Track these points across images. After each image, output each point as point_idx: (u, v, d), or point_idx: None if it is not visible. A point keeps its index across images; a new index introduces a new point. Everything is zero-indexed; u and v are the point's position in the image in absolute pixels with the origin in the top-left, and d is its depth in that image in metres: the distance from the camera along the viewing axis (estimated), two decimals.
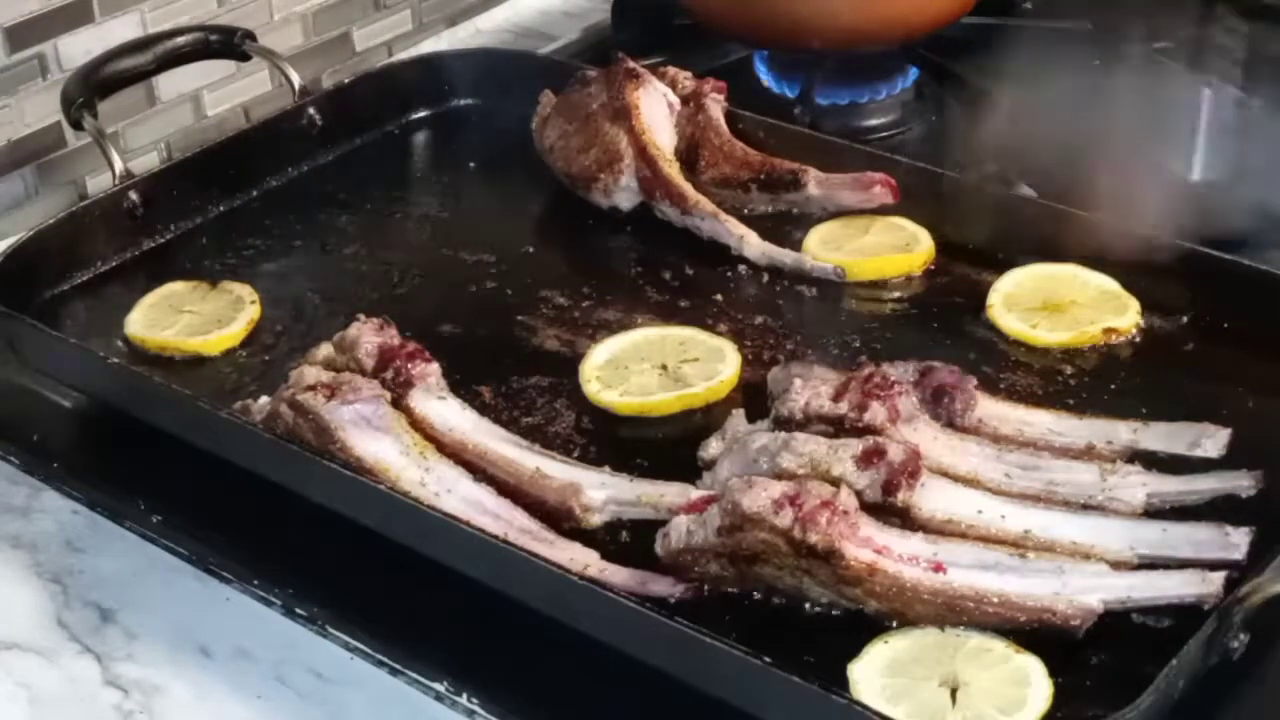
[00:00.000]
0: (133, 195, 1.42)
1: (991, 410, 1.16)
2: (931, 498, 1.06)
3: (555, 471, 1.13)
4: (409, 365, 1.19)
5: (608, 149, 1.46)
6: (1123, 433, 1.14)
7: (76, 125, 1.47)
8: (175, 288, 1.37)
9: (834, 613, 1.03)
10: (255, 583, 1.11)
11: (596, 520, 1.11)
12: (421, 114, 1.63)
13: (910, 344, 1.27)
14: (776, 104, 1.62)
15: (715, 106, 1.49)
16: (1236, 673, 0.97)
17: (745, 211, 1.43)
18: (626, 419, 1.22)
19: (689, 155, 1.47)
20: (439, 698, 1.03)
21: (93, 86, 1.47)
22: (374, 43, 1.87)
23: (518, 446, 1.16)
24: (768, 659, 0.93)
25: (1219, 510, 1.08)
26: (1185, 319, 1.29)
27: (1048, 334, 1.28)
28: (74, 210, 1.43)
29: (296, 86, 1.56)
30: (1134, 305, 1.29)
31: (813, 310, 1.34)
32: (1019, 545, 1.04)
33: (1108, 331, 1.27)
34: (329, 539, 1.12)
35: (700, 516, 1.04)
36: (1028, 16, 1.78)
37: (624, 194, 1.45)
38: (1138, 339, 1.28)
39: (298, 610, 1.09)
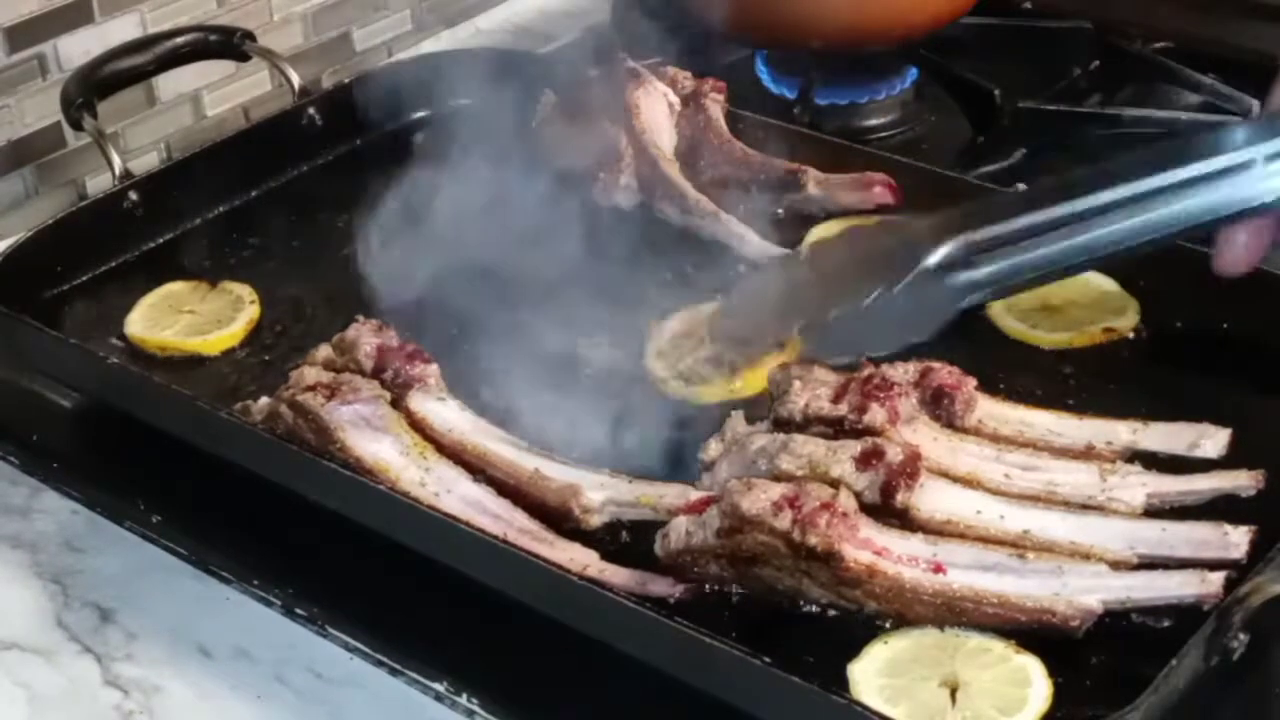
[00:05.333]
0: (132, 195, 1.42)
1: (991, 411, 1.16)
2: (931, 499, 1.06)
3: (554, 472, 1.13)
4: (408, 366, 1.19)
5: (608, 149, 1.46)
6: (1122, 433, 1.14)
7: (76, 125, 1.47)
8: (175, 287, 1.37)
9: (833, 613, 1.04)
10: (255, 583, 1.11)
11: (596, 521, 1.11)
12: (421, 114, 1.63)
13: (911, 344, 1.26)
14: (776, 104, 1.62)
15: (715, 106, 1.49)
16: (1236, 673, 0.97)
17: (743, 211, 1.43)
18: (626, 420, 1.22)
19: (689, 155, 1.47)
20: (439, 698, 1.03)
21: (92, 87, 1.47)
22: (374, 43, 1.87)
23: (517, 447, 1.16)
24: (767, 659, 0.93)
25: (1219, 510, 1.08)
26: (1185, 319, 1.29)
27: (1047, 334, 1.28)
28: (74, 210, 1.43)
29: (296, 87, 1.56)
30: (1133, 305, 1.29)
31: None
32: (1018, 546, 1.04)
33: (1107, 331, 1.27)
34: (329, 539, 1.12)
35: (700, 518, 1.04)
36: (1026, 16, 1.78)
37: (624, 194, 1.45)
38: (1137, 339, 1.28)
39: (297, 610, 1.09)
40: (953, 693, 0.97)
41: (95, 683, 1.07)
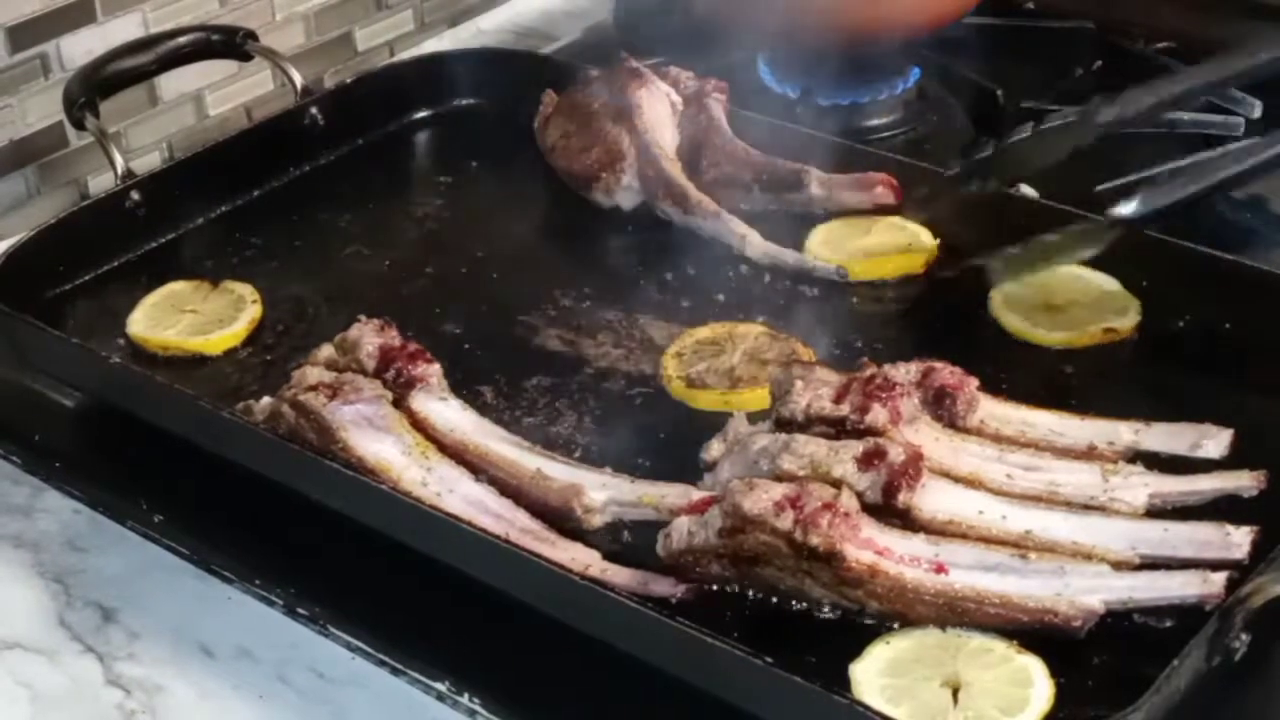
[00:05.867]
0: (134, 195, 1.42)
1: (993, 411, 1.16)
2: (932, 499, 1.06)
3: (557, 472, 1.13)
4: (410, 366, 1.19)
5: (610, 148, 1.46)
6: (1124, 433, 1.14)
7: (78, 125, 1.47)
8: (177, 287, 1.37)
9: (835, 613, 1.04)
10: (257, 582, 1.12)
11: (598, 521, 1.11)
12: (423, 114, 1.63)
13: (912, 343, 1.26)
14: (778, 104, 1.62)
15: (717, 106, 1.49)
16: (1238, 673, 0.97)
17: (745, 211, 1.43)
18: (628, 420, 1.22)
19: (691, 155, 1.47)
20: (440, 697, 1.03)
21: (95, 86, 1.47)
22: (376, 42, 1.87)
23: (519, 447, 1.16)
24: (769, 659, 0.93)
25: (1221, 510, 1.08)
26: (1186, 319, 1.29)
27: (1048, 333, 1.28)
28: (76, 210, 1.43)
29: (298, 86, 1.56)
30: (1134, 305, 1.29)
31: (814, 310, 1.34)
32: (1020, 546, 1.04)
33: (1108, 331, 1.27)
34: (330, 539, 1.12)
35: (701, 518, 1.04)
36: (1029, 16, 1.78)
37: (626, 193, 1.46)
38: (1138, 339, 1.28)
39: (299, 610, 1.09)
40: (955, 693, 0.97)
41: (97, 682, 1.07)
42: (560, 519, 1.11)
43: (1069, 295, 1.31)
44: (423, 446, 1.15)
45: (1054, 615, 0.99)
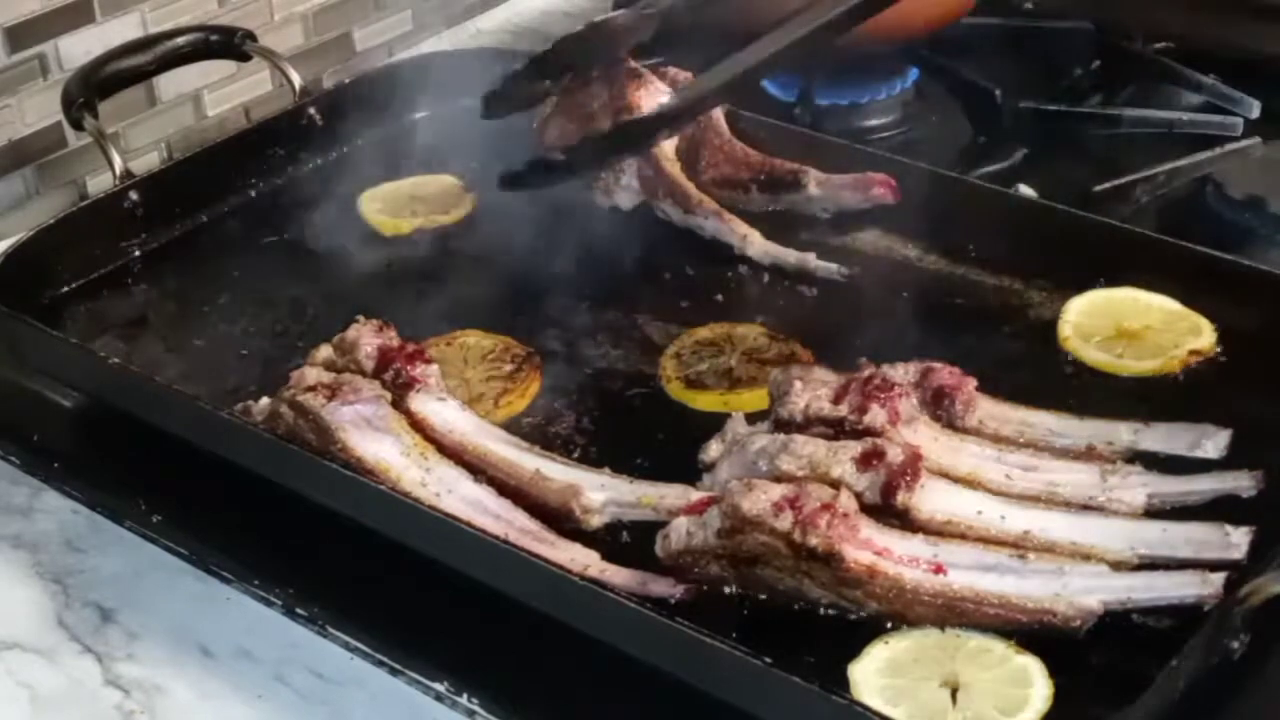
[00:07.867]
0: (133, 195, 1.43)
1: (991, 411, 1.16)
2: (931, 499, 1.06)
3: (555, 473, 1.13)
4: (409, 366, 1.19)
5: None
6: (1123, 433, 1.14)
7: (77, 125, 1.47)
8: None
9: (834, 613, 1.04)
10: (256, 583, 1.12)
11: (597, 521, 1.11)
12: (422, 114, 1.63)
13: (912, 345, 1.26)
14: (777, 104, 1.62)
15: None
16: (1237, 673, 0.97)
17: (743, 211, 1.43)
18: (627, 420, 1.22)
19: (690, 155, 1.47)
20: (439, 698, 1.03)
21: (93, 86, 1.47)
22: (374, 43, 1.87)
23: (518, 448, 1.16)
24: (768, 659, 0.93)
25: (1219, 510, 1.08)
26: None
27: (1135, 362, 1.24)
28: (74, 210, 1.43)
29: (297, 86, 1.56)
30: (1205, 324, 1.25)
31: (814, 310, 1.34)
32: (1019, 546, 1.04)
33: (1192, 354, 1.23)
34: (329, 539, 1.12)
35: (700, 518, 1.04)
36: (1028, 16, 1.78)
37: (625, 193, 1.46)
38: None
39: (298, 610, 1.09)
40: (954, 693, 0.97)
41: (96, 683, 1.07)
42: (559, 519, 1.11)
43: (1139, 320, 1.26)
44: (421, 447, 1.15)
45: (1053, 615, 0.99)
